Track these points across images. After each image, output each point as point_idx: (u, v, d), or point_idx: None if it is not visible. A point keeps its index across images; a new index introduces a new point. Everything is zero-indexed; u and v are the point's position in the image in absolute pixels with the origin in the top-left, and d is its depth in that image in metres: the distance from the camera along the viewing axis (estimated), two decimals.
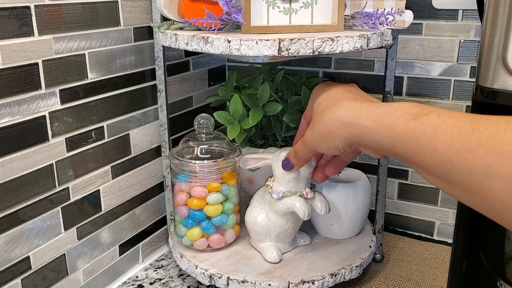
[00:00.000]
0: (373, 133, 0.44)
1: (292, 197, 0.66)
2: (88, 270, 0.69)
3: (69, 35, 0.61)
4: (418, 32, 0.80)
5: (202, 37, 0.57)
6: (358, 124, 0.46)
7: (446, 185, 0.39)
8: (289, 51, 0.55)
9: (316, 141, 0.52)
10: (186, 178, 0.71)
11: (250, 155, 0.71)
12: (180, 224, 0.73)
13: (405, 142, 0.41)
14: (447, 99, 0.81)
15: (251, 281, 0.65)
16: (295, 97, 0.78)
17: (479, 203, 0.36)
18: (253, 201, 0.73)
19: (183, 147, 0.72)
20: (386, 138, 0.43)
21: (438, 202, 0.86)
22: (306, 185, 0.67)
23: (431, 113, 0.40)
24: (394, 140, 0.42)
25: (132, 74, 0.72)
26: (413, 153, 0.40)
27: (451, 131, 0.37)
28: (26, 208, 0.58)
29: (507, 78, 0.47)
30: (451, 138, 0.37)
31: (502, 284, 0.55)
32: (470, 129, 0.36)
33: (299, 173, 0.65)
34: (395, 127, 0.42)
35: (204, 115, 0.73)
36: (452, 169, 0.37)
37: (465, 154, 0.35)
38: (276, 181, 0.67)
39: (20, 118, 0.56)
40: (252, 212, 0.71)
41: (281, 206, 0.67)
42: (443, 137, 0.38)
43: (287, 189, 0.66)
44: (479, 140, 0.35)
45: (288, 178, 0.66)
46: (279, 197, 0.66)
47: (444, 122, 0.38)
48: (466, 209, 0.57)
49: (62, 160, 0.62)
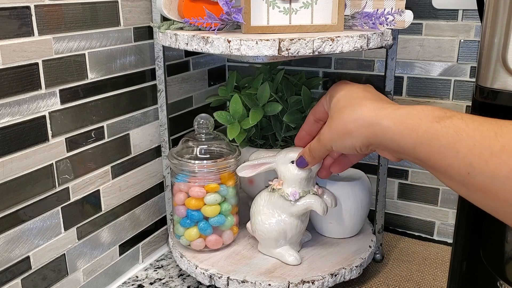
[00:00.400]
0: (394, 134, 0.44)
1: (308, 196, 0.66)
2: (88, 270, 0.69)
3: (69, 35, 0.61)
4: (418, 32, 0.80)
5: (202, 37, 0.57)
6: (379, 125, 0.45)
7: (465, 190, 0.39)
8: (289, 51, 0.55)
9: (333, 139, 0.52)
10: (185, 178, 0.71)
11: (248, 162, 0.70)
12: (178, 224, 0.73)
13: (427, 144, 0.41)
14: (447, 99, 0.81)
15: (251, 281, 0.65)
16: (295, 97, 0.78)
17: (499, 208, 0.36)
18: (259, 209, 0.70)
19: (183, 147, 0.72)
20: (407, 139, 0.43)
21: (438, 202, 0.86)
22: (314, 182, 0.67)
23: (454, 116, 0.40)
24: (415, 142, 0.42)
25: (132, 74, 0.72)
26: (434, 156, 0.40)
27: (474, 134, 0.37)
28: (26, 208, 0.58)
29: (507, 78, 0.47)
30: (474, 142, 0.37)
31: (502, 284, 0.55)
32: (493, 133, 0.36)
33: (311, 171, 0.65)
34: (417, 129, 0.42)
35: (203, 115, 0.73)
36: (472, 173, 0.37)
37: (488, 157, 0.35)
38: (287, 183, 0.66)
39: (20, 118, 0.56)
40: (264, 220, 0.69)
41: (300, 207, 0.66)
42: (466, 140, 0.37)
43: (301, 189, 0.66)
44: (502, 145, 0.35)
45: (300, 179, 0.65)
46: (296, 198, 0.66)
47: (467, 126, 0.38)
48: (466, 209, 0.57)
49: (62, 160, 0.62)
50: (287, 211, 0.67)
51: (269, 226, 0.68)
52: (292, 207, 0.66)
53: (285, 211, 0.67)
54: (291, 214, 0.67)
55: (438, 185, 0.85)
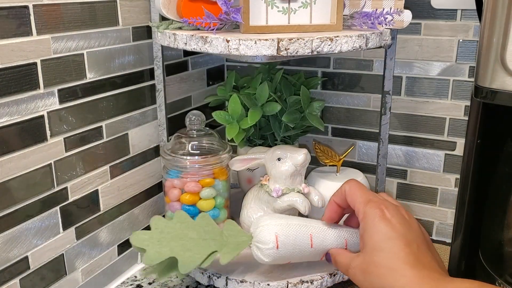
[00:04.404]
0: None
1: (291, 193, 0.67)
2: (87, 270, 0.69)
3: (68, 34, 0.61)
4: (416, 32, 0.80)
5: (201, 36, 0.57)
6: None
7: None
8: (288, 51, 0.55)
9: (359, 280, 0.50)
10: (178, 174, 0.71)
11: (239, 156, 0.72)
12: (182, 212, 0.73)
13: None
14: (446, 99, 0.81)
15: (249, 281, 0.65)
16: (294, 97, 0.78)
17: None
18: (247, 203, 0.73)
19: (175, 143, 0.74)
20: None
21: (437, 202, 0.86)
22: (301, 180, 0.68)
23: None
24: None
25: (131, 73, 0.72)
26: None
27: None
28: (24, 208, 0.58)
29: (505, 78, 0.47)
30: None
31: (501, 284, 0.55)
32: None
33: (296, 170, 0.66)
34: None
35: (195, 112, 0.74)
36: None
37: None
38: (273, 180, 0.68)
39: (18, 118, 0.56)
40: (248, 213, 0.71)
41: (282, 204, 0.67)
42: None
43: (285, 186, 0.67)
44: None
45: (285, 176, 0.67)
46: (278, 195, 0.67)
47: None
48: (465, 209, 0.57)
49: (61, 160, 0.62)
50: (271, 206, 0.69)
51: (253, 220, 0.69)
52: (275, 203, 0.68)
53: (270, 207, 0.69)
54: (274, 210, 0.69)
55: (437, 185, 0.85)
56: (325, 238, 0.59)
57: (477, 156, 0.55)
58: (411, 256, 0.47)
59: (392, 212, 0.51)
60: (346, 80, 0.88)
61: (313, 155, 0.80)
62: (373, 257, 0.49)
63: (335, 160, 0.80)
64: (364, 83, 0.87)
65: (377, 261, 0.48)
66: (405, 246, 0.48)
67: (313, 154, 0.81)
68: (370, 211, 0.51)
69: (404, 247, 0.48)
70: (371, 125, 0.88)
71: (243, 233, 0.61)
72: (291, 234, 0.58)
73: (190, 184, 0.71)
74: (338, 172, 0.80)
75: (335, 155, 0.80)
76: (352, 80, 0.88)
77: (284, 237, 0.58)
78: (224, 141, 0.76)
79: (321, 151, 0.80)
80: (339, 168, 0.80)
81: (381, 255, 0.48)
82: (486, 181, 0.57)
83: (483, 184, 0.57)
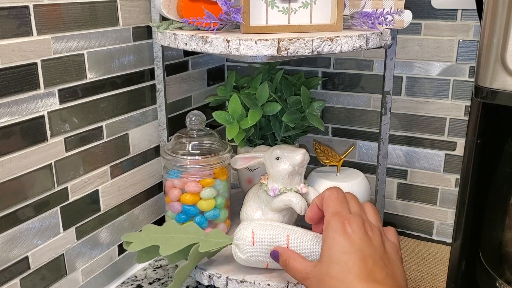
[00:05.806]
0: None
1: (288, 193, 0.67)
2: (87, 270, 0.69)
3: (68, 34, 0.61)
4: (417, 32, 0.80)
5: (201, 36, 0.57)
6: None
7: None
8: (288, 51, 0.55)
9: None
10: (179, 174, 0.71)
11: (241, 154, 0.72)
12: (173, 220, 0.73)
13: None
14: (446, 99, 0.81)
15: (250, 281, 0.65)
16: (294, 97, 0.78)
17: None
18: (247, 201, 0.73)
19: (175, 143, 0.74)
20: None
21: (437, 202, 0.86)
22: (300, 180, 0.68)
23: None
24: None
25: (131, 74, 0.72)
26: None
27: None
28: (25, 208, 0.58)
29: (506, 78, 0.47)
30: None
31: (501, 284, 0.55)
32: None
33: (294, 169, 0.66)
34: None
35: (195, 112, 0.74)
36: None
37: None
38: (271, 179, 0.69)
39: (18, 118, 0.56)
40: (247, 211, 0.72)
41: (278, 203, 0.68)
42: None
43: (282, 185, 0.67)
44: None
45: (283, 176, 0.67)
46: (275, 194, 0.67)
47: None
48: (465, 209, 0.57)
49: (61, 160, 0.62)
50: (269, 205, 0.69)
51: (251, 218, 0.70)
52: (272, 202, 0.68)
53: (268, 205, 0.69)
54: (272, 209, 0.69)
55: (437, 185, 0.85)
56: (303, 241, 0.59)
57: (477, 156, 0.55)
58: (364, 271, 0.48)
59: (355, 227, 0.51)
60: (347, 80, 0.88)
61: (313, 155, 0.80)
62: (329, 269, 0.49)
63: (335, 160, 0.80)
64: (364, 83, 0.87)
65: (332, 272, 0.49)
66: (359, 261, 0.48)
67: (313, 154, 0.81)
68: (333, 223, 0.52)
69: (358, 262, 0.48)
70: (371, 125, 0.88)
71: (226, 236, 0.65)
72: (268, 233, 0.60)
73: (191, 184, 0.71)
74: (338, 172, 0.80)
75: (335, 155, 0.80)
76: (352, 80, 0.88)
77: (261, 234, 0.60)
78: (225, 141, 0.76)
79: (321, 151, 0.80)
80: (340, 168, 0.80)
81: (336, 267, 0.49)
82: (486, 181, 0.57)
83: (483, 184, 0.57)
